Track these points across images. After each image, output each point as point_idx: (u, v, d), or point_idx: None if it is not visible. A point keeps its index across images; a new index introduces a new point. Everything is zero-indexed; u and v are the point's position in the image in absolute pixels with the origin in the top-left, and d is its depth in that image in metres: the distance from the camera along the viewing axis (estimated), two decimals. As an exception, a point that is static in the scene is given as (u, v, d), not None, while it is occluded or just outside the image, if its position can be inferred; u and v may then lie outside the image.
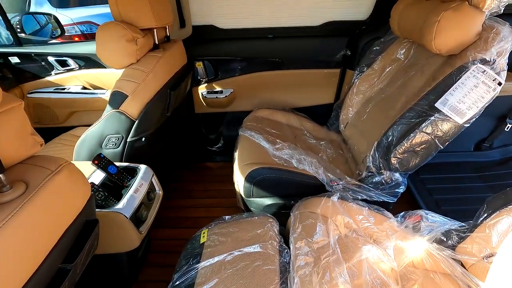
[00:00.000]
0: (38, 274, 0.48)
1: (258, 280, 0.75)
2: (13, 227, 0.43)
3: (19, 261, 0.44)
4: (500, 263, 0.87)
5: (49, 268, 0.51)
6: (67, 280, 0.54)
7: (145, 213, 1.12)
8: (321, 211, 0.94)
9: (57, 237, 0.53)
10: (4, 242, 0.42)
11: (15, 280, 0.44)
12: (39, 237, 0.48)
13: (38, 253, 0.49)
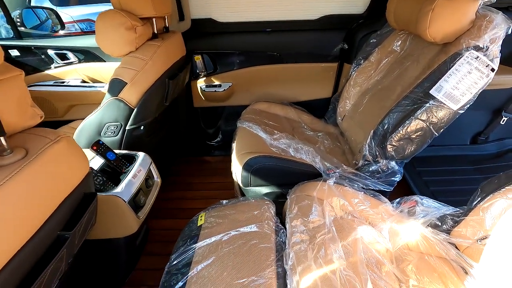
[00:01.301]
0: (37, 238, 0.49)
1: (254, 257, 0.76)
2: (11, 188, 0.44)
3: (17, 222, 0.45)
4: (494, 244, 0.88)
5: (48, 234, 0.52)
6: (66, 247, 0.55)
7: (144, 199, 1.13)
8: (317, 194, 0.95)
9: (56, 205, 0.54)
10: (2, 202, 0.43)
11: (13, 241, 0.45)
12: (37, 202, 0.49)
13: (36, 217, 0.49)
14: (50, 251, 0.53)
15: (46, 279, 0.51)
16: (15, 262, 0.45)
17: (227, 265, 0.76)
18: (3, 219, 0.44)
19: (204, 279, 0.74)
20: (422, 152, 2.03)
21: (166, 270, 0.85)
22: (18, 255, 0.46)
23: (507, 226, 0.87)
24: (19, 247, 0.46)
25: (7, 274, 0.44)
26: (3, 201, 0.43)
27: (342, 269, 0.70)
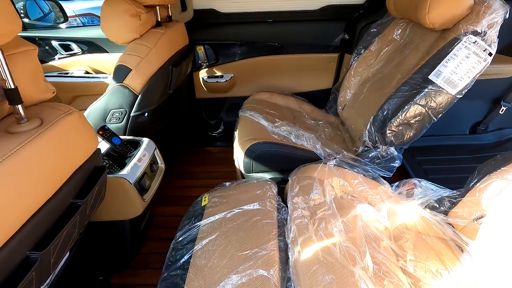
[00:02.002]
0: (51, 203, 0.52)
1: (257, 232, 0.79)
2: (28, 153, 0.47)
3: (31, 188, 0.48)
4: (489, 223, 0.91)
5: (61, 201, 0.55)
6: (79, 214, 0.58)
7: (148, 182, 1.16)
8: (318, 175, 0.98)
9: (69, 173, 0.57)
10: (18, 166, 0.46)
11: (27, 206, 0.48)
12: (51, 168, 0.52)
13: (51, 183, 0.52)
14: (64, 217, 0.56)
15: (60, 243, 0.54)
16: (31, 224, 0.48)
17: (231, 239, 0.79)
18: (20, 183, 0.46)
19: (208, 252, 0.77)
20: (422, 141, 2.06)
21: (172, 246, 0.88)
22: (34, 218, 0.49)
23: (503, 205, 0.89)
24: (35, 210, 0.49)
25: (23, 237, 0.47)
26: (20, 164, 0.46)
27: (341, 242, 0.73)
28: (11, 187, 0.44)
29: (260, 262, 0.70)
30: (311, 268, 0.66)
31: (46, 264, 0.51)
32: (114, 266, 1.27)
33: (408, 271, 0.79)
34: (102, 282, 1.23)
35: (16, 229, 0.45)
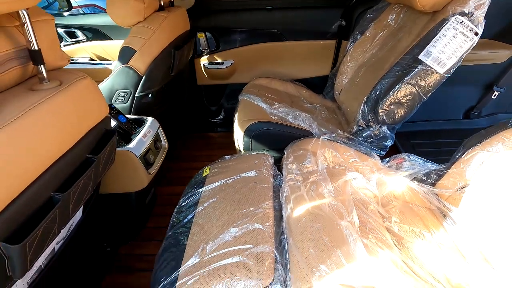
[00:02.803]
0: (70, 154, 0.59)
1: (254, 194, 0.86)
2: (50, 106, 0.54)
3: (53, 137, 0.55)
4: (472, 192, 0.97)
5: (78, 154, 0.62)
6: (93, 168, 0.65)
7: (153, 158, 1.23)
8: (312, 148, 1.04)
9: (84, 131, 0.63)
10: (42, 117, 0.52)
11: (50, 152, 0.55)
12: (69, 124, 0.59)
13: (69, 136, 0.59)
14: (81, 169, 0.63)
15: (78, 192, 0.61)
16: (54, 169, 0.55)
17: (230, 201, 0.86)
18: (44, 132, 0.53)
19: (209, 212, 0.84)
20: (416, 126, 2.12)
21: (176, 210, 0.95)
22: (56, 164, 0.55)
23: (485, 175, 0.96)
24: (57, 157, 0.56)
25: (47, 179, 0.54)
26: (44, 115, 0.52)
27: (331, 201, 0.80)
28: (36, 134, 0.50)
29: (256, 218, 0.77)
30: (301, 219, 0.73)
31: (66, 207, 0.58)
32: (121, 238, 1.35)
33: (393, 230, 0.86)
34: (110, 252, 1.31)
35: (41, 172, 0.52)
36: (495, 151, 0.97)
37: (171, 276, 0.71)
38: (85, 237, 0.97)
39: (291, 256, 0.68)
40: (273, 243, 0.71)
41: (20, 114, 0.48)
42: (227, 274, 0.66)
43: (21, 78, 0.58)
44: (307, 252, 0.66)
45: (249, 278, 0.65)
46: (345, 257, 0.63)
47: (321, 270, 0.60)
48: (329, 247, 0.65)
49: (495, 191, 0.89)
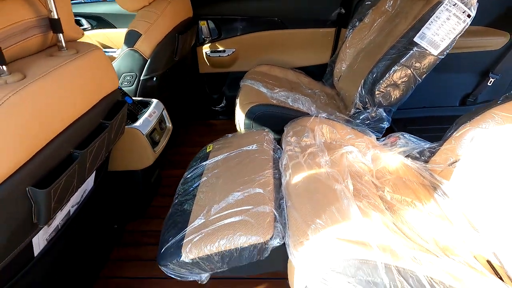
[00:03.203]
0: (86, 117, 0.64)
1: (255, 165, 0.91)
2: (68, 70, 0.59)
3: (72, 99, 0.60)
4: (462, 166, 1.03)
5: (93, 117, 0.67)
6: (106, 132, 0.70)
7: (158, 137, 1.28)
8: (310, 125, 1.10)
9: (98, 98, 0.69)
10: (61, 79, 0.57)
11: (69, 113, 0.60)
12: (85, 88, 0.64)
13: (85, 100, 0.64)
14: (96, 133, 0.68)
15: (93, 154, 0.66)
16: (72, 129, 0.60)
17: (232, 171, 0.91)
18: (62, 93, 0.58)
19: (213, 181, 0.90)
20: (413, 113, 2.16)
21: (181, 182, 1.01)
22: (74, 124, 0.61)
23: (474, 150, 1.01)
24: (75, 118, 0.61)
25: (67, 137, 0.59)
26: (63, 78, 0.58)
27: (327, 169, 0.85)
28: (58, 93, 0.56)
29: (257, 184, 0.82)
30: (299, 184, 0.79)
31: (83, 165, 0.64)
32: (128, 216, 1.41)
33: (385, 198, 0.91)
34: (117, 229, 1.37)
35: (62, 129, 0.57)
36: (485, 127, 1.02)
37: (178, 235, 0.77)
38: (95, 209, 1.03)
39: (289, 216, 0.74)
40: (273, 205, 0.77)
41: (45, 73, 0.53)
42: (231, 231, 0.72)
43: (41, 46, 0.63)
44: (304, 210, 0.71)
45: (251, 234, 0.71)
46: (339, 214, 0.68)
47: (317, 224, 0.66)
48: (325, 205, 0.70)
49: (483, 164, 0.94)
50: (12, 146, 0.47)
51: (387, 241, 0.67)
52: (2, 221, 0.52)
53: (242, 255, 0.71)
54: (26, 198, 0.52)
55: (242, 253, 0.71)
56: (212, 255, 0.71)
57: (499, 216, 0.83)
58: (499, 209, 0.84)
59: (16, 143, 0.47)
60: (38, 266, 0.73)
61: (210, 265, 0.73)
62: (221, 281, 1.12)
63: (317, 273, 0.61)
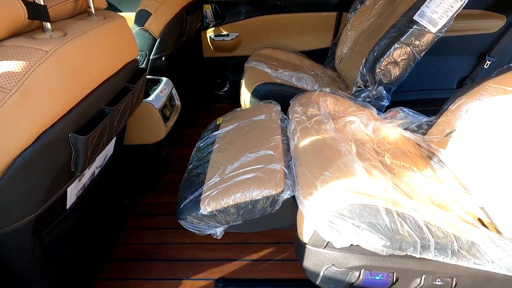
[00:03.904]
0: (114, 78, 0.70)
1: (264, 132, 0.98)
2: (98, 32, 0.64)
3: (102, 60, 0.66)
4: (457, 135, 1.10)
5: (120, 80, 0.73)
6: (131, 95, 0.76)
7: (169, 113, 1.34)
8: (315, 98, 1.16)
9: (123, 62, 0.74)
10: (94, 39, 0.63)
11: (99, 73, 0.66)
12: (114, 51, 0.69)
13: (112, 63, 0.70)
14: (121, 95, 0.74)
15: (119, 113, 0.73)
16: (103, 88, 0.66)
17: (243, 138, 0.98)
18: (94, 52, 0.64)
19: (225, 148, 0.97)
20: (412, 95, 2.23)
21: (194, 150, 1.07)
22: (104, 83, 0.67)
23: (468, 121, 1.08)
24: (106, 78, 0.67)
25: (99, 95, 0.65)
26: (93, 40, 0.63)
27: (332, 133, 0.92)
28: (93, 51, 0.61)
29: (268, 147, 0.89)
30: (306, 146, 0.85)
31: (112, 122, 0.69)
32: (139, 190, 1.47)
33: (386, 162, 0.98)
34: (129, 203, 1.44)
35: (95, 86, 0.63)
36: (480, 99, 1.08)
37: (196, 192, 0.84)
38: (113, 176, 1.09)
39: (298, 173, 0.81)
40: (283, 164, 0.83)
41: (82, 32, 0.58)
42: (245, 186, 0.79)
43: (72, 12, 0.68)
44: (311, 166, 0.78)
45: (264, 187, 0.77)
46: (345, 167, 0.75)
47: (324, 175, 0.73)
48: (331, 160, 0.77)
49: (476, 132, 1.01)
50: (60, 93, 0.53)
51: (388, 192, 0.74)
52: (46, 167, 0.58)
53: (256, 207, 0.78)
54: (68, 145, 0.58)
55: (255, 205, 0.78)
56: (229, 207, 0.78)
57: (489, 178, 0.90)
58: (489, 172, 0.91)
59: (63, 90, 0.53)
60: (68, 219, 0.80)
61: (226, 218, 0.80)
62: (231, 245, 1.20)
63: (325, 218, 0.68)
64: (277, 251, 1.18)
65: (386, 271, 0.75)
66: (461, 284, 0.78)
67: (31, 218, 0.61)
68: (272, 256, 1.16)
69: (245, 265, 1.14)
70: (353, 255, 0.74)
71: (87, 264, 1.06)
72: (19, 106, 0.47)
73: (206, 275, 1.11)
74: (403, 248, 0.66)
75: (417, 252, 0.69)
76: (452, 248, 0.71)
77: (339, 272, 0.76)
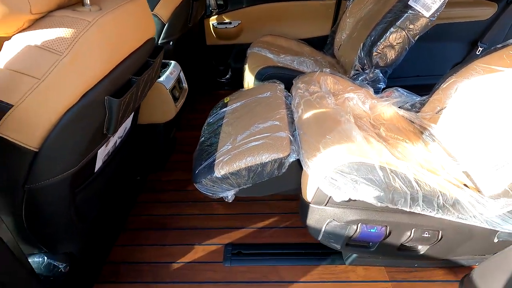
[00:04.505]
0: (137, 54, 0.77)
1: (270, 107, 1.06)
2: (129, 7, 0.71)
3: (131, 34, 0.73)
4: (446, 112, 1.19)
5: (142, 56, 0.81)
6: (151, 69, 0.84)
7: (178, 94, 1.42)
8: (316, 77, 1.24)
9: (146, 38, 0.82)
10: (125, 13, 0.70)
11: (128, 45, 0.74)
12: (139, 26, 0.77)
13: (137, 37, 0.78)
14: (144, 68, 0.82)
15: (142, 84, 0.81)
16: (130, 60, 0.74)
17: (251, 113, 1.06)
18: (127, 25, 0.71)
19: (234, 121, 1.05)
20: (407, 81, 2.32)
21: (205, 126, 1.16)
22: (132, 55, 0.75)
23: (458, 98, 1.17)
24: (132, 50, 0.75)
25: (127, 65, 0.73)
26: (127, 12, 0.70)
27: (333, 106, 1.00)
28: (122, 25, 0.69)
29: (274, 118, 0.98)
30: (310, 117, 0.94)
31: (137, 92, 0.77)
32: (149, 168, 1.56)
33: (381, 134, 1.07)
34: (140, 180, 1.53)
35: (124, 57, 0.71)
36: (468, 78, 1.18)
37: (210, 158, 0.93)
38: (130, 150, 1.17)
39: (302, 140, 0.90)
40: (288, 132, 0.92)
41: (115, 7, 0.66)
42: (255, 151, 0.88)
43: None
44: (314, 133, 0.87)
45: (272, 152, 0.86)
46: (344, 132, 0.84)
47: (326, 139, 0.82)
48: (332, 127, 0.86)
49: (464, 108, 1.11)
50: (99, 59, 0.61)
51: (383, 154, 0.83)
52: (85, 126, 0.66)
53: (264, 169, 0.87)
54: (103, 107, 0.66)
55: (264, 168, 0.87)
56: (241, 170, 0.87)
57: (473, 147, 1.00)
58: (473, 142, 1.00)
59: (102, 57, 0.61)
60: (95, 182, 0.89)
61: (237, 180, 0.89)
62: (238, 215, 1.30)
63: (327, 175, 0.77)
64: (281, 220, 1.28)
65: (380, 224, 0.85)
66: (447, 237, 0.89)
67: (70, 173, 0.69)
68: (276, 224, 1.26)
69: (251, 232, 1.23)
70: (351, 210, 0.84)
71: (107, 230, 1.15)
72: (69, 67, 0.55)
73: (216, 241, 1.20)
74: (395, 200, 0.76)
75: (407, 205, 0.78)
76: (438, 202, 0.80)
77: (338, 226, 0.86)
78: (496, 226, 0.86)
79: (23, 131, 0.56)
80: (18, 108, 0.54)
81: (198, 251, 1.17)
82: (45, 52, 0.53)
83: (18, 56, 0.53)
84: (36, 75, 0.53)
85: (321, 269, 1.08)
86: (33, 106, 0.54)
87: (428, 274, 1.05)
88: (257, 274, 1.07)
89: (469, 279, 0.98)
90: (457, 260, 1.03)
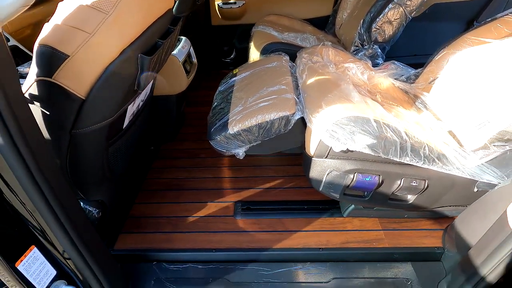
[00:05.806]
0: (162, 20, 0.87)
1: (277, 74, 1.17)
2: None
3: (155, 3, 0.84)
4: (438, 81, 1.29)
5: (164, 23, 0.90)
6: (170, 37, 0.94)
7: (189, 67, 1.52)
8: (318, 50, 1.34)
9: (166, 8, 0.92)
10: None
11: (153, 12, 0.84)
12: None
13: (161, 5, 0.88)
14: (166, 34, 0.92)
15: (166, 48, 0.91)
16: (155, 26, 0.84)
17: (259, 80, 1.17)
18: None
19: (244, 87, 1.16)
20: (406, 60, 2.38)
21: (216, 94, 1.27)
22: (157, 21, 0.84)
23: (448, 68, 1.27)
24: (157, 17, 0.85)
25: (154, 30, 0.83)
26: None
27: (334, 74, 1.11)
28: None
29: (281, 83, 1.09)
30: (313, 82, 1.05)
31: (161, 54, 0.88)
32: (162, 138, 1.68)
33: (377, 100, 1.19)
34: (153, 150, 1.65)
35: (152, 22, 0.81)
36: (459, 49, 1.28)
37: (223, 118, 1.04)
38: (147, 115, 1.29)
39: (306, 101, 1.01)
40: (294, 94, 1.03)
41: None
42: (264, 110, 0.99)
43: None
44: (317, 93, 0.98)
45: (279, 110, 0.98)
46: (344, 92, 0.95)
47: (328, 97, 0.93)
48: (333, 89, 0.97)
49: (454, 77, 1.21)
50: (136, 20, 0.71)
51: (377, 111, 0.95)
52: (121, 80, 0.77)
53: (273, 126, 0.99)
54: (136, 64, 0.77)
55: (272, 125, 0.98)
56: (252, 126, 0.98)
57: (458, 109, 1.11)
58: (458, 105, 1.12)
59: (137, 18, 0.71)
60: (122, 138, 1.00)
61: (248, 136, 1.01)
62: (246, 178, 1.42)
63: (328, 128, 0.89)
64: (285, 181, 1.40)
65: (374, 174, 0.97)
66: (432, 186, 1.01)
67: (108, 122, 0.81)
68: (281, 185, 1.39)
69: (259, 192, 1.36)
70: (348, 161, 0.96)
71: (129, 187, 1.28)
72: (112, 25, 0.65)
73: (227, 199, 1.33)
74: (386, 148, 0.88)
75: (397, 154, 0.90)
76: (424, 152, 0.92)
77: (337, 176, 0.98)
78: (475, 175, 0.98)
79: (75, 80, 0.67)
80: (72, 59, 0.64)
81: (211, 208, 1.30)
82: (94, 11, 0.63)
83: (72, 14, 0.63)
84: (87, 30, 0.63)
85: (321, 221, 1.21)
86: (84, 58, 0.65)
87: (416, 224, 1.19)
88: (264, 225, 1.21)
89: (451, 226, 1.11)
90: (442, 211, 1.16)
